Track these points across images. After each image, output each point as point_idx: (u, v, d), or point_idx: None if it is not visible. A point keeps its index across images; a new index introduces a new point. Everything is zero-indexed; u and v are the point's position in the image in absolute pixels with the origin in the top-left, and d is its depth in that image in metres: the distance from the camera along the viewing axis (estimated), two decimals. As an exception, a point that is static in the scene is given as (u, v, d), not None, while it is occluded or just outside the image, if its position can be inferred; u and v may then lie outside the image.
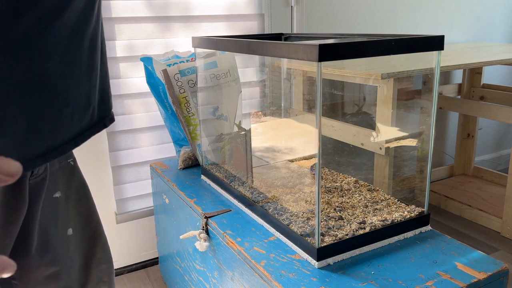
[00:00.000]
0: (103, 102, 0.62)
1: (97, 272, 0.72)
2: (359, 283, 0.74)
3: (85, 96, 0.56)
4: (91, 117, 0.58)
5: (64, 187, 0.65)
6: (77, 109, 0.55)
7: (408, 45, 0.79)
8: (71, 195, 0.67)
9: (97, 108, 0.60)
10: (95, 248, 0.71)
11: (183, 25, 1.52)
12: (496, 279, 0.76)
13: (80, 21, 0.52)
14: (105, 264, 0.73)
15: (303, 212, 0.93)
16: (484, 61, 1.56)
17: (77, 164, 0.69)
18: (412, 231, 0.89)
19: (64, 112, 0.53)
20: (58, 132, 0.53)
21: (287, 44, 0.77)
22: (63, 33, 0.49)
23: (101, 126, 0.61)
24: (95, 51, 0.57)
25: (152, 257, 1.62)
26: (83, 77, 0.55)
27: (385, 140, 1.31)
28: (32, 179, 0.58)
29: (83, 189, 0.70)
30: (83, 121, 0.57)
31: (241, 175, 1.14)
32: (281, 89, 1.48)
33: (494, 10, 2.25)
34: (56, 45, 0.49)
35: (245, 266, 0.84)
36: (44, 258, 0.63)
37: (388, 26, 1.94)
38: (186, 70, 1.26)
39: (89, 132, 0.59)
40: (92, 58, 0.56)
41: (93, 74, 0.57)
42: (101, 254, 0.72)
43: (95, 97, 0.59)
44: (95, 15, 0.56)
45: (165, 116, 1.34)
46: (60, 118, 0.52)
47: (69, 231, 0.67)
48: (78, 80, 0.54)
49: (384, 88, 1.31)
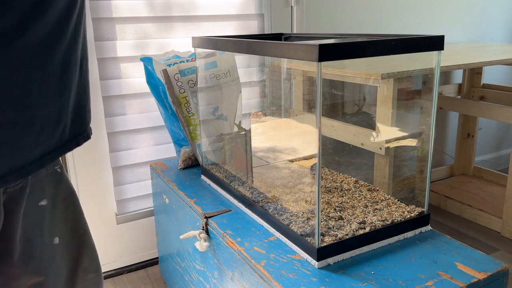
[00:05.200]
0: (78, 119, 0.59)
1: (84, 281, 0.70)
2: (359, 283, 0.74)
3: (55, 114, 0.53)
4: (61, 135, 0.56)
5: (50, 194, 0.64)
6: (45, 128, 0.52)
7: (408, 45, 0.79)
8: (58, 203, 0.65)
9: (70, 126, 0.57)
10: (82, 257, 0.70)
11: (183, 25, 1.52)
12: (496, 279, 0.76)
13: (52, 38, 0.50)
14: (92, 273, 0.71)
15: (303, 212, 0.93)
16: (484, 61, 1.56)
17: (64, 171, 0.67)
18: (412, 231, 0.89)
19: (28, 132, 0.50)
20: (21, 153, 0.50)
21: (287, 44, 0.77)
22: (29, 50, 0.47)
23: (73, 145, 0.59)
24: (68, 68, 0.54)
25: (152, 257, 1.62)
26: (53, 95, 0.52)
27: (385, 140, 1.31)
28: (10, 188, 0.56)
29: (71, 197, 0.68)
30: (52, 140, 0.54)
31: (241, 175, 1.14)
32: (281, 89, 1.48)
33: (494, 10, 2.25)
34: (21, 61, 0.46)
35: (245, 266, 0.84)
36: (28, 266, 0.62)
37: (388, 26, 1.94)
38: (186, 70, 1.26)
39: (58, 151, 0.56)
40: (66, 76, 0.54)
41: (65, 92, 0.54)
42: (88, 263, 0.71)
43: (67, 115, 0.56)
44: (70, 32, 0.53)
45: (165, 116, 1.34)
46: (24, 137, 0.50)
47: (56, 240, 0.65)
48: (47, 98, 0.51)
49: (384, 88, 1.31)
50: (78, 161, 1.44)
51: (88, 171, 1.46)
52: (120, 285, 1.52)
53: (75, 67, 0.56)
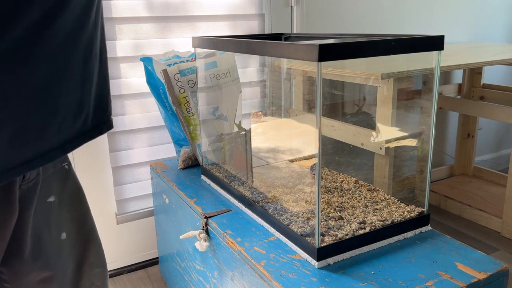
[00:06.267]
0: (100, 108, 0.60)
1: (90, 276, 0.71)
2: (359, 283, 0.74)
3: (76, 103, 0.55)
4: (84, 124, 0.57)
5: (58, 191, 0.65)
6: (67, 117, 0.54)
7: (408, 45, 0.79)
8: (65, 199, 0.66)
9: (92, 115, 0.59)
10: (88, 252, 0.71)
11: (183, 25, 1.52)
12: (496, 279, 0.76)
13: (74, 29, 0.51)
14: (98, 269, 0.73)
15: (303, 212, 0.93)
16: (484, 61, 1.56)
17: (72, 168, 0.68)
18: (412, 231, 0.89)
19: (52, 121, 0.51)
20: (45, 140, 0.52)
21: (287, 44, 0.77)
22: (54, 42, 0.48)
23: (96, 133, 0.60)
24: (90, 58, 0.56)
25: (152, 257, 1.62)
26: (75, 85, 0.53)
27: (385, 140, 1.31)
28: (23, 185, 0.57)
29: (78, 194, 0.69)
30: (74, 128, 0.55)
31: (241, 175, 1.14)
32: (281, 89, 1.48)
33: (494, 10, 2.25)
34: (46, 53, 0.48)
35: (245, 266, 0.84)
36: (37, 262, 0.63)
37: (388, 26, 1.94)
38: (186, 70, 1.26)
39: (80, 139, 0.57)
40: (87, 66, 0.55)
41: (86, 82, 0.56)
42: (94, 258, 0.72)
43: (89, 104, 0.57)
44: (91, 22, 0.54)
45: (165, 116, 1.34)
46: (48, 126, 0.51)
47: (63, 235, 0.66)
48: (69, 88, 0.53)
49: (384, 88, 1.31)
50: (78, 161, 1.44)
51: (88, 171, 1.46)
52: (120, 285, 1.52)
53: (95, 57, 0.57)
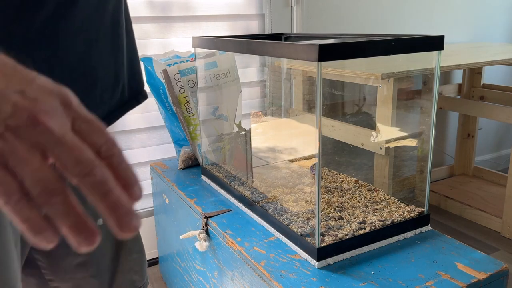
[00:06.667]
0: (134, 79, 0.62)
1: (128, 261, 0.73)
2: (359, 283, 0.74)
3: (112, 74, 0.56)
4: (121, 95, 0.58)
5: None
6: (106, 89, 0.55)
7: (408, 45, 0.79)
8: None
9: (128, 86, 0.60)
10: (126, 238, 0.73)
11: (183, 25, 1.52)
12: (496, 279, 0.76)
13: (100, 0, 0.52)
14: (136, 254, 0.74)
15: (303, 212, 0.93)
16: (484, 61, 1.56)
17: None
18: (412, 231, 0.89)
19: (92, 92, 0.53)
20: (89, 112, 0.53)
21: (287, 44, 0.77)
22: (83, 15, 0.49)
23: (134, 103, 0.62)
24: (118, 28, 0.57)
25: (152, 257, 1.62)
26: (108, 56, 0.55)
27: (385, 140, 1.31)
28: None
29: None
30: (114, 100, 0.57)
31: (241, 175, 1.14)
32: (281, 89, 1.48)
33: (494, 10, 2.25)
34: (77, 27, 0.49)
35: (245, 266, 0.84)
36: None
37: (388, 26, 1.94)
38: (186, 70, 1.26)
39: (121, 110, 0.59)
40: (116, 37, 0.56)
41: (118, 53, 0.57)
42: (131, 244, 0.73)
43: (123, 75, 0.59)
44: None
45: (165, 116, 1.34)
46: (89, 98, 0.52)
47: (100, 221, 0.67)
48: (103, 60, 0.54)
49: (384, 88, 1.31)
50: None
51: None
52: (120, 285, 1.51)
53: (122, 28, 0.58)
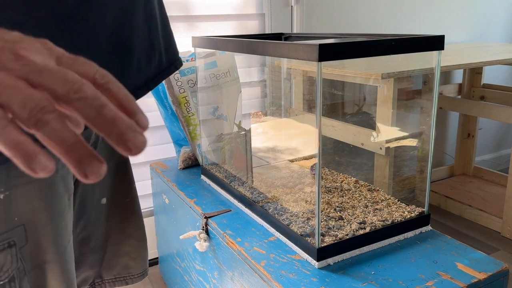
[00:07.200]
0: (169, 46, 0.63)
1: (127, 246, 0.74)
2: (359, 283, 0.74)
3: (148, 42, 0.57)
4: (159, 61, 0.60)
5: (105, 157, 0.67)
6: (142, 56, 0.56)
7: (408, 45, 0.79)
8: (110, 167, 0.69)
9: (164, 53, 0.61)
10: (128, 223, 0.73)
11: (183, 24, 1.52)
12: (496, 279, 0.76)
13: None
14: (137, 241, 0.75)
15: (303, 212, 0.93)
16: (484, 61, 1.56)
17: None
18: (412, 231, 0.89)
19: (130, 60, 0.54)
20: (129, 79, 0.54)
21: (287, 44, 0.77)
22: None
23: (172, 69, 0.64)
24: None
25: (152, 257, 1.62)
26: (142, 25, 0.56)
27: (385, 140, 1.31)
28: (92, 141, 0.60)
29: (123, 165, 0.72)
30: (151, 66, 0.58)
31: (241, 175, 1.14)
32: (281, 89, 1.48)
33: (494, 10, 2.25)
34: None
35: (245, 266, 0.84)
36: (80, 221, 0.66)
37: (388, 26, 1.94)
38: (186, 70, 1.26)
39: (159, 76, 0.60)
40: (148, 5, 0.57)
41: (152, 21, 0.58)
42: (133, 229, 0.74)
43: (159, 42, 0.60)
44: None
45: (165, 116, 1.34)
46: (127, 66, 0.54)
47: (103, 200, 0.69)
48: (138, 28, 0.55)
49: (384, 88, 1.31)
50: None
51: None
52: (120, 285, 1.51)
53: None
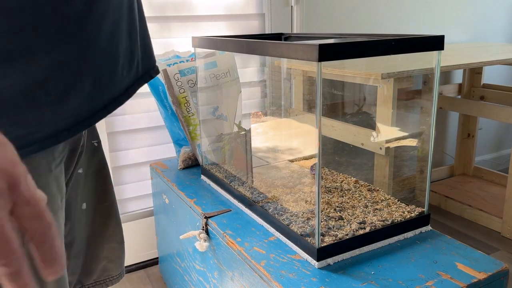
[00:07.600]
0: (146, 55, 0.66)
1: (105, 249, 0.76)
2: (359, 283, 0.74)
3: (129, 51, 0.60)
4: (137, 70, 0.63)
5: (85, 165, 0.70)
6: (125, 64, 0.59)
7: (408, 45, 0.79)
8: (89, 173, 0.71)
9: (141, 62, 0.64)
10: (107, 226, 0.76)
11: (183, 25, 1.52)
12: (496, 279, 0.76)
13: None
14: (116, 244, 0.77)
15: (303, 212, 0.93)
16: (484, 61, 1.56)
17: (101, 146, 0.73)
18: (412, 231, 0.89)
19: (117, 68, 0.57)
20: (114, 87, 0.58)
21: (287, 44, 0.77)
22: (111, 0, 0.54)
23: (147, 78, 0.66)
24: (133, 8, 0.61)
25: (152, 257, 1.62)
26: (126, 34, 0.59)
27: (385, 140, 1.31)
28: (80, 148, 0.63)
29: (102, 170, 0.74)
30: (131, 74, 0.61)
31: (241, 175, 1.14)
32: (281, 89, 1.48)
33: (494, 10, 2.25)
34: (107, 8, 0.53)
35: (245, 266, 0.84)
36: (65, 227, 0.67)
37: (388, 26, 1.94)
38: (186, 70, 1.26)
39: (136, 84, 0.63)
40: (131, 16, 0.60)
41: (133, 31, 0.61)
42: (112, 232, 0.76)
43: (138, 51, 0.63)
44: None
45: (165, 116, 1.34)
46: (115, 73, 0.57)
47: (83, 205, 0.71)
48: (122, 37, 0.58)
49: (384, 88, 1.31)
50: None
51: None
52: (119, 285, 1.51)
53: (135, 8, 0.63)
